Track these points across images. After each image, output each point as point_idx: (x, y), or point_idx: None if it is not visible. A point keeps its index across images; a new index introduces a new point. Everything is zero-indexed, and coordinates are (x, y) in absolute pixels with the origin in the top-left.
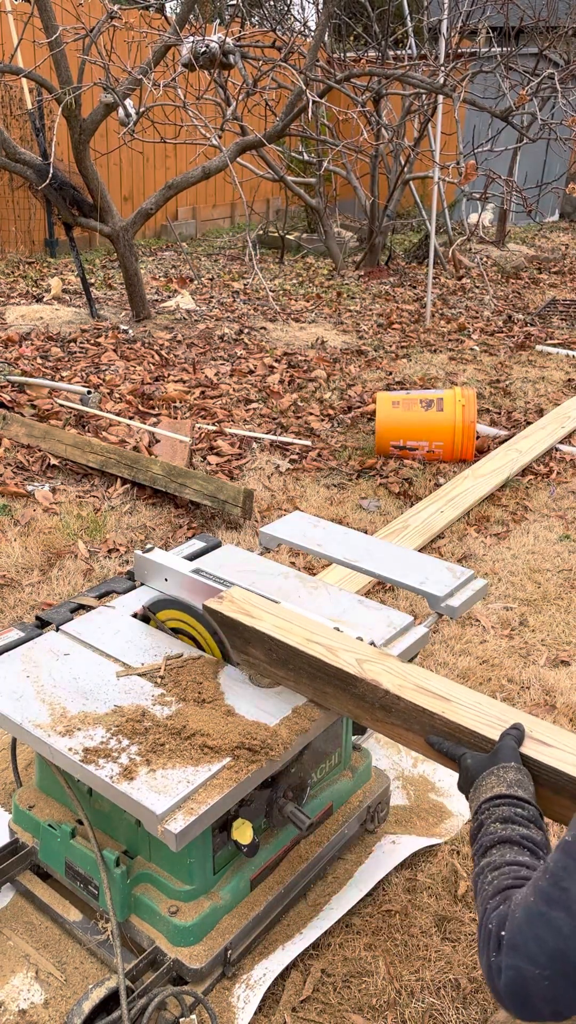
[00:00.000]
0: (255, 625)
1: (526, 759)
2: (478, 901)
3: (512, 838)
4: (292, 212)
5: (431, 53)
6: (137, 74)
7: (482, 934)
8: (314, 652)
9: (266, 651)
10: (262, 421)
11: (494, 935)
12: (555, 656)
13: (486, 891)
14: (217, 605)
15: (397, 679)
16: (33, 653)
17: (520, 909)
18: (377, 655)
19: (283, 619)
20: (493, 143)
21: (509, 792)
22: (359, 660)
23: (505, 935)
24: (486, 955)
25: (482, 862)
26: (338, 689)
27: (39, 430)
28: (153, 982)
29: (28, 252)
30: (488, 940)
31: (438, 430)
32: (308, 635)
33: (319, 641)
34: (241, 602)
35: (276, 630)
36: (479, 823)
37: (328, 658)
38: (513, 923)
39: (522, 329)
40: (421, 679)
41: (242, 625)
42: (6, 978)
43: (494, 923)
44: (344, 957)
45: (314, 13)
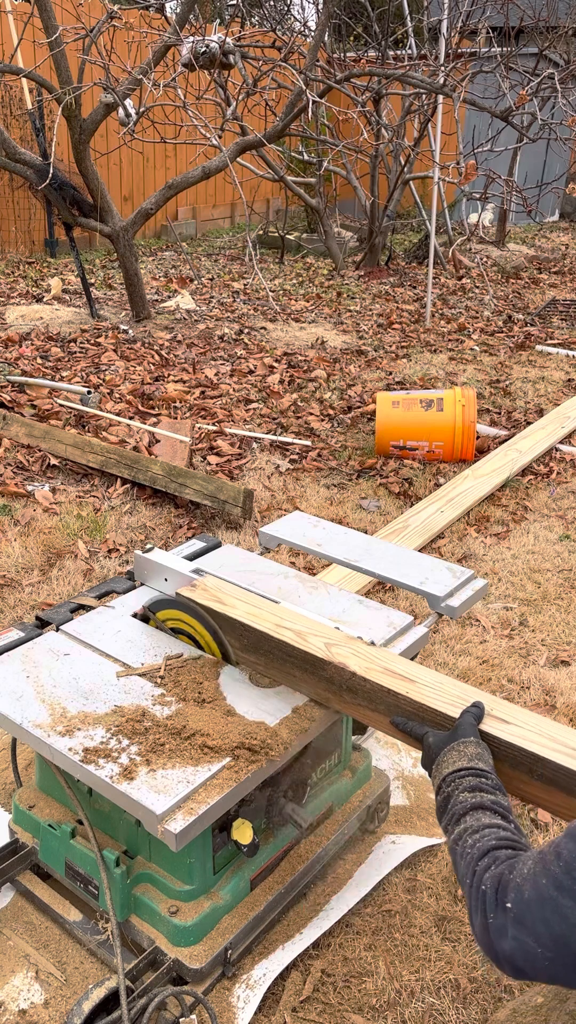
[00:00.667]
0: (227, 612)
1: (486, 736)
2: (461, 864)
3: (484, 804)
4: (292, 212)
5: (431, 53)
6: (137, 74)
7: (473, 894)
8: (284, 637)
9: (238, 637)
10: (262, 421)
11: (490, 896)
12: (555, 656)
13: (470, 853)
14: (190, 593)
15: (364, 662)
16: (33, 653)
17: (529, 886)
18: (345, 639)
19: (254, 606)
20: (493, 143)
21: (471, 764)
22: (327, 644)
23: (512, 908)
24: (481, 914)
25: (458, 828)
26: (307, 672)
27: (39, 430)
28: (153, 982)
29: (28, 252)
30: (483, 900)
31: (438, 430)
32: (278, 621)
33: (288, 627)
34: (214, 590)
35: (247, 616)
36: (446, 795)
37: (297, 643)
38: (520, 897)
39: (522, 329)
40: (387, 662)
41: (215, 612)
42: (6, 978)
43: (489, 884)
44: (344, 957)
45: (314, 13)
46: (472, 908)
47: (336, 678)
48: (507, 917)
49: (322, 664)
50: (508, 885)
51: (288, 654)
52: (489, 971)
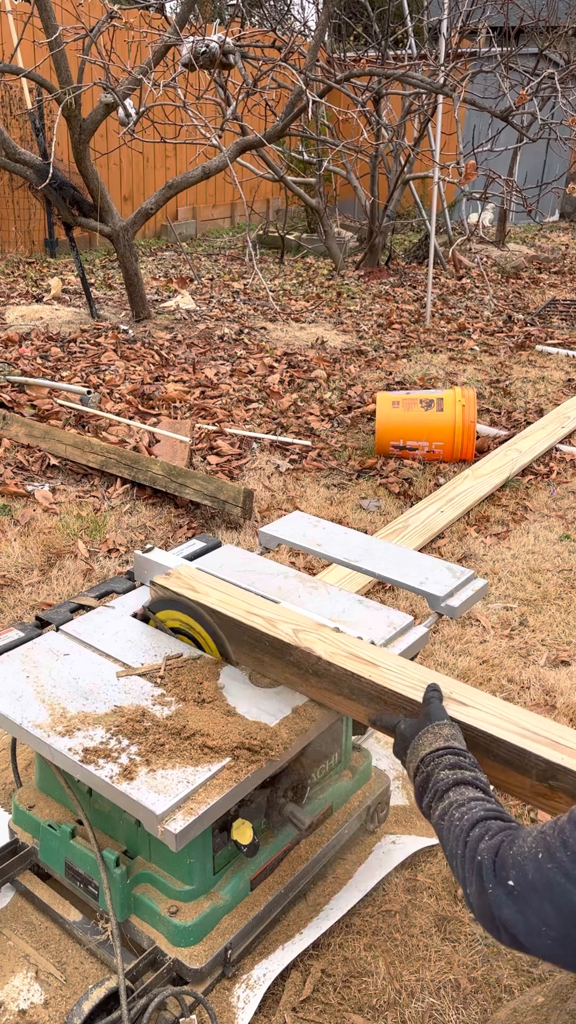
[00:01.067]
0: (199, 599)
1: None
2: (449, 837)
3: (466, 779)
4: (292, 212)
5: (431, 53)
6: (137, 74)
7: (467, 864)
8: (253, 623)
9: (212, 623)
10: (262, 421)
11: (487, 867)
12: (555, 656)
13: (459, 825)
14: (164, 581)
15: (330, 647)
16: (33, 653)
17: (532, 866)
18: (313, 626)
19: (226, 594)
20: (493, 143)
21: (448, 744)
22: (295, 630)
23: (515, 886)
24: (477, 884)
25: (442, 804)
26: (275, 657)
27: (39, 430)
28: (153, 982)
29: (28, 252)
30: (479, 870)
31: (438, 430)
32: (248, 608)
33: (259, 613)
34: (187, 578)
35: (219, 604)
36: (425, 775)
37: (267, 628)
38: (524, 877)
39: (522, 329)
40: (352, 647)
41: (187, 599)
42: (6, 978)
43: (485, 855)
44: (344, 957)
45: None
46: (465, 878)
47: (303, 662)
48: (509, 893)
49: (289, 649)
50: (507, 861)
51: (258, 640)
52: (489, 971)
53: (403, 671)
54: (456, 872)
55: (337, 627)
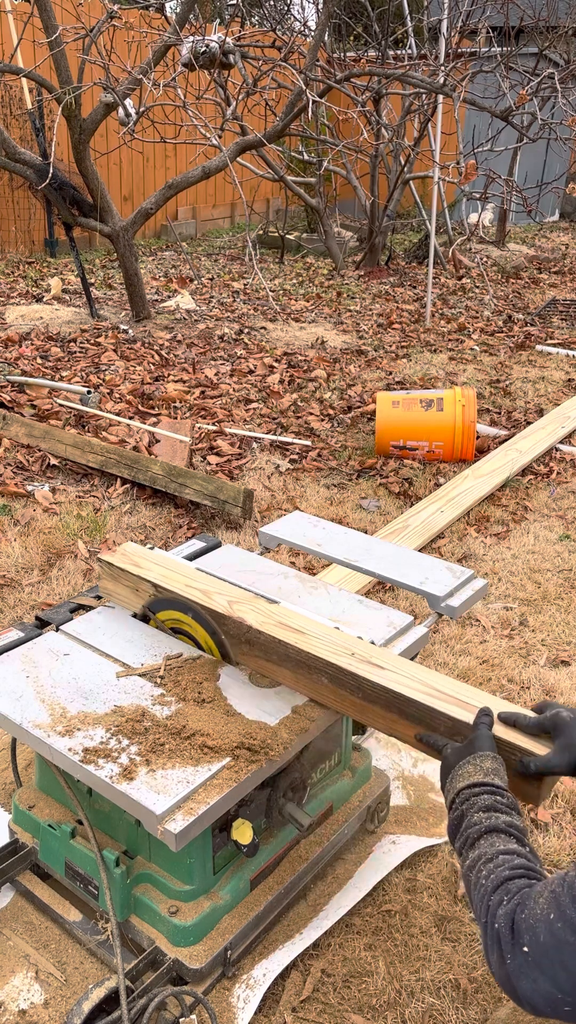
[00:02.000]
0: (141, 574)
1: (360, 679)
2: (475, 896)
3: (499, 827)
4: (292, 212)
5: (431, 53)
6: (137, 74)
7: (488, 932)
8: (191, 595)
9: (151, 597)
10: (262, 421)
11: (505, 935)
12: (555, 656)
13: (484, 886)
14: (110, 557)
15: (261, 616)
16: (33, 653)
17: (543, 928)
18: (248, 598)
19: (167, 569)
20: (493, 143)
21: (487, 780)
22: (230, 602)
23: (529, 952)
24: (497, 954)
25: (472, 854)
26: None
27: (39, 430)
28: (153, 982)
29: (28, 252)
30: (499, 940)
31: (438, 430)
32: (188, 582)
33: (195, 586)
34: (132, 555)
35: (160, 578)
36: (460, 813)
37: (203, 600)
38: (536, 940)
39: (522, 329)
40: (284, 617)
41: (131, 574)
42: (6, 978)
43: (503, 923)
44: (344, 957)
45: (314, 13)
46: (488, 946)
47: (235, 631)
48: (525, 960)
49: (223, 619)
50: (522, 926)
51: (196, 611)
52: (489, 971)
53: (329, 638)
54: (480, 932)
55: (337, 626)
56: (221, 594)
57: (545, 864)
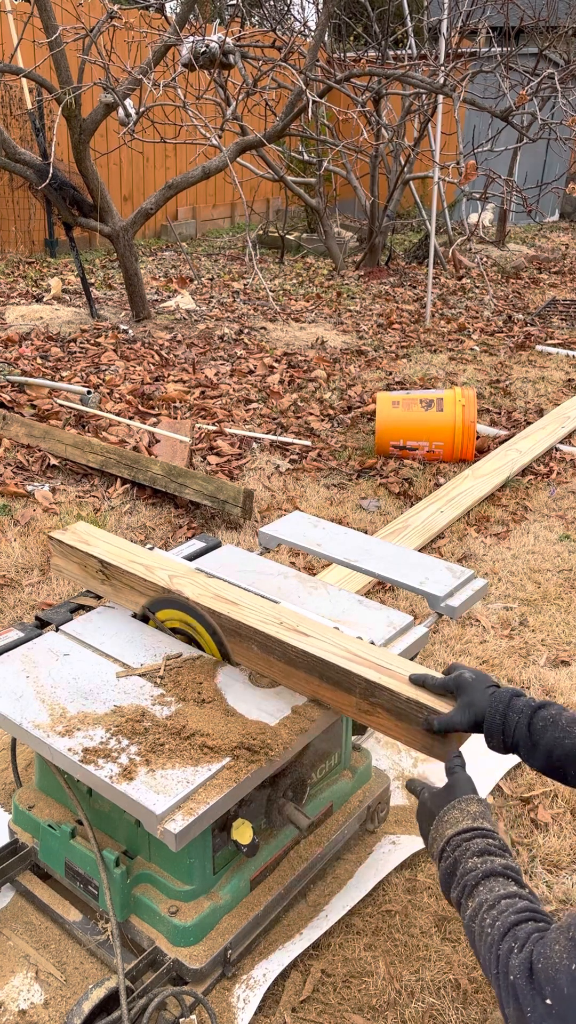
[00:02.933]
0: (88, 550)
1: (286, 645)
2: (482, 947)
3: (496, 871)
4: (292, 212)
5: (431, 53)
6: (137, 74)
7: (502, 983)
8: (133, 570)
9: (98, 572)
10: (262, 421)
11: (523, 987)
12: (555, 656)
13: (489, 934)
14: (61, 535)
15: (199, 589)
16: (33, 653)
17: (564, 979)
18: (188, 572)
19: (113, 546)
20: (493, 143)
21: (476, 825)
22: (171, 576)
23: (552, 1004)
24: (515, 1006)
25: (472, 903)
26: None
27: (39, 430)
28: (153, 982)
29: (28, 252)
30: (514, 991)
31: (438, 430)
32: (131, 557)
33: (139, 561)
34: (81, 534)
35: (106, 554)
36: (452, 860)
37: (145, 575)
38: (560, 994)
39: (522, 329)
40: (220, 590)
41: (79, 551)
42: (6, 978)
43: (518, 973)
44: (344, 957)
45: (314, 13)
46: (502, 998)
47: (174, 604)
48: (548, 1012)
49: (164, 591)
50: (541, 977)
51: (137, 584)
52: None
53: (260, 609)
54: (492, 983)
55: (337, 626)
56: (163, 569)
57: (545, 863)
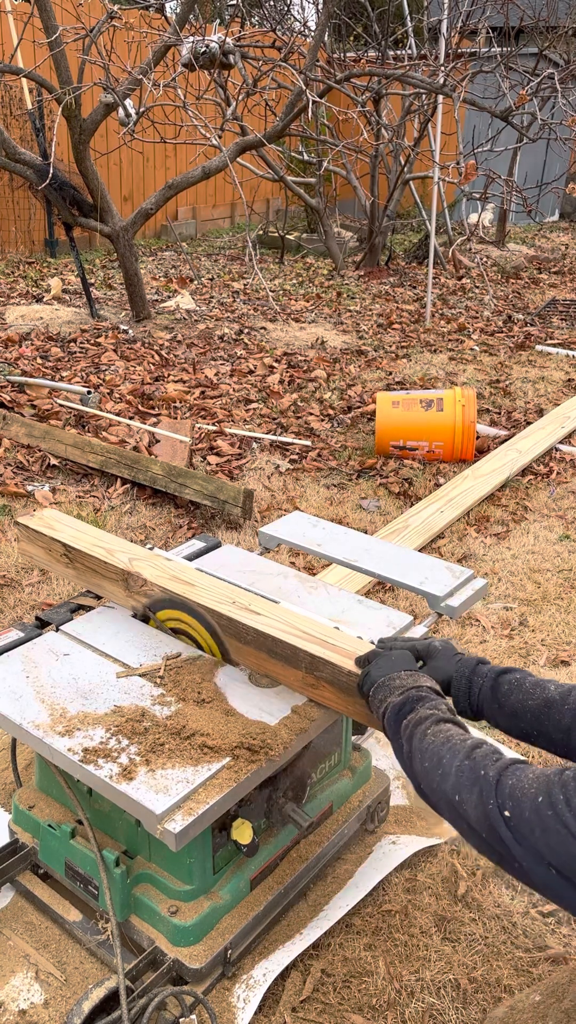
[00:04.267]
0: (53, 535)
1: (237, 623)
2: (443, 749)
3: (459, 721)
4: (292, 212)
5: (431, 53)
6: (137, 74)
7: (464, 772)
8: (96, 553)
9: (62, 556)
10: (262, 421)
11: (491, 781)
12: (555, 656)
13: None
14: (27, 520)
15: (157, 571)
16: (33, 653)
17: (528, 804)
18: (148, 556)
19: (78, 531)
20: (493, 143)
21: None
22: (131, 559)
23: (509, 816)
24: (477, 795)
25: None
26: (113, 583)
27: (39, 430)
28: (153, 982)
29: (28, 252)
30: (481, 783)
31: (438, 430)
32: (94, 542)
33: (101, 545)
34: (48, 519)
35: (71, 539)
36: (408, 698)
37: (106, 557)
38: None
39: (522, 329)
40: (177, 572)
41: (44, 536)
42: (6, 978)
43: (491, 771)
44: (344, 957)
45: (314, 13)
46: (460, 785)
47: (133, 585)
48: (506, 821)
49: (124, 574)
50: (506, 790)
51: (99, 567)
52: (489, 971)
53: (215, 589)
54: (441, 776)
55: (337, 626)
56: (123, 552)
57: None
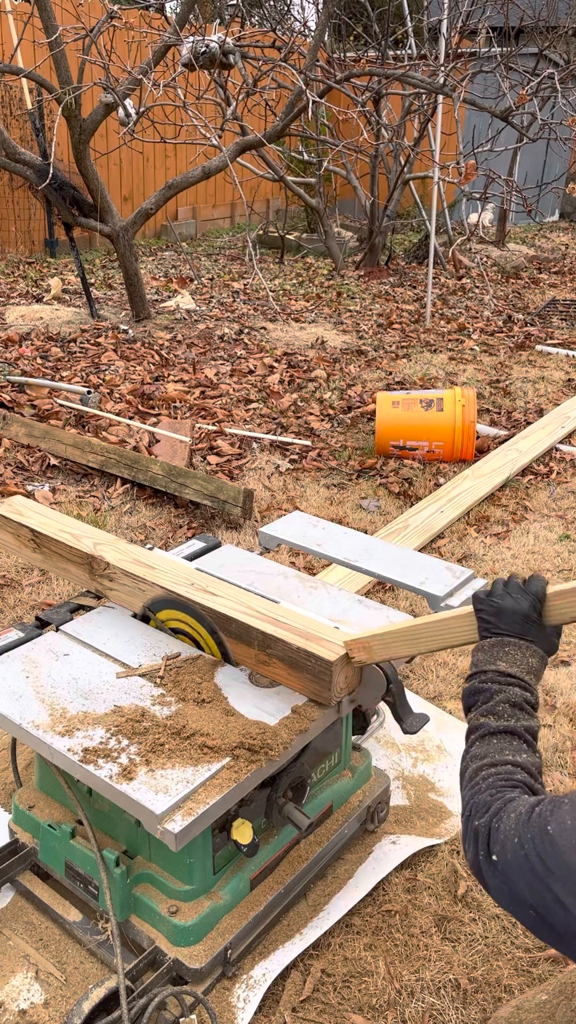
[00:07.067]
0: (21, 520)
1: (194, 603)
2: (468, 785)
3: (517, 730)
4: (292, 212)
5: (431, 53)
6: (137, 74)
7: (468, 825)
8: (61, 538)
9: (30, 541)
10: (262, 421)
11: (483, 836)
12: (555, 656)
13: (478, 785)
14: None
15: (120, 555)
16: (33, 653)
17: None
18: (112, 540)
19: (45, 517)
20: (493, 143)
21: (526, 679)
22: (95, 544)
23: (497, 860)
24: (473, 848)
25: (479, 749)
26: (78, 567)
27: (39, 430)
28: (153, 982)
29: (28, 252)
30: (476, 837)
31: (438, 430)
32: (61, 527)
33: (67, 531)
34: (17, 506)
35: (38, 524)
36: (487, 688)
37: (72, 542)
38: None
39: (522, 329)
40: (140, 556)
41: (13, 521)
42: (6, 978)
43: (482, 826)
44: (344, 957)
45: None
46: (466, 836)
47: (97, 568)
48: (494, 866)
49: (88, 557)
50: (494, 836)
51: (66, 552)
52: (489, 971)
53: (175, 572)
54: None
55: (337, 626)
56: (89, 537)
57: None
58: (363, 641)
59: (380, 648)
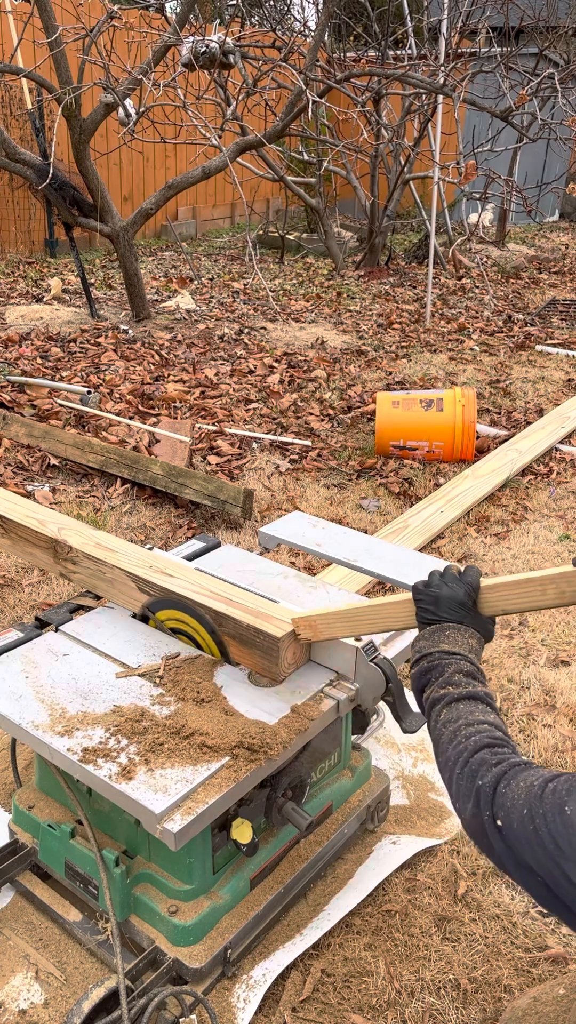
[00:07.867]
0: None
1: (150, 584)
2: (450, 749)
3: (479, 695)
4: (292, 212)
5: (431, 53)
6: (137, 74)
7: (463, 781)
8: (28, 523)
9: None
10: (262, 421)
11: (486, 794)
12: (555, 656)
13: (463, 744)
14: None
15: (83, 539)
16: (32, 653)
17: (516, 816)
18: (77, 526)
19: (12, 503)
20: (493, 143)
21: (470, 656)
22: (60, 528)
23: (502, 826)
24: (473, 805)
25: (450, 714)
26: (43, 550)
27: (39, 430)
28: (153, 982)
29: (28, 252)
30: (478, 794)
31: (438, 430)
32: (27, 513)
33: (34, 516)
34: None
35: (4, 510)
36: (438, 663)
37: (38, 527)
38: (509, 822)
39: (522, 329)
40: (103, 540)
41: None
42: (6, 978)
43: (487, 781)
44: (344, 957)
45: (314, 13)
46: (460, 794)
47: (60, 552)
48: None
49: (53, 541)
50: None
51: (31, 536)
52: (489, 971)
53: (135, 555)
54: (448, 781)
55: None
56: (54, 523)
57: None
58: (309, 619)
59: (324, 627)
